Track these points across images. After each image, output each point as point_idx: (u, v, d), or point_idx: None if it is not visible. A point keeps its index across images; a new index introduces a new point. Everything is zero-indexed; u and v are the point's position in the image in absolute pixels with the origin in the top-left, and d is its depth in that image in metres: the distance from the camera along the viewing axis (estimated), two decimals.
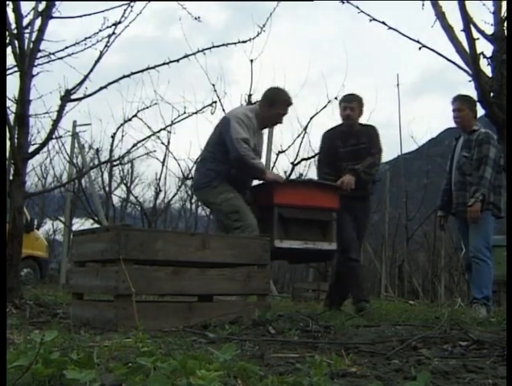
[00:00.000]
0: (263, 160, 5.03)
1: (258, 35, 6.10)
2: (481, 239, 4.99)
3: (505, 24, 2.29)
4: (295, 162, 9.26)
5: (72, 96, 4.61)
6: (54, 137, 5.10)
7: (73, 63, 4.86)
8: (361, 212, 5.18)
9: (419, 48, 2.59)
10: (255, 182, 5.00)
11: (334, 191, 4.79)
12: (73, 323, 2.30)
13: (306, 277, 17.40)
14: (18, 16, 4.33)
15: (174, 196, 14.32)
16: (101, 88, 4.77)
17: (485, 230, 5.02)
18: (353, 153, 5.17)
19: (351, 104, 5.17)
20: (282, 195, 4.44)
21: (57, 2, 4.56)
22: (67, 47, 4.80)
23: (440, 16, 2.42)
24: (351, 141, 5.19)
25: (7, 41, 4.29)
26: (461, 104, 5.12)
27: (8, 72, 4.50)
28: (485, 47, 2.30)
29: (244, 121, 4.55)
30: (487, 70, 2.30)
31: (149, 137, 7.73)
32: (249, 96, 8.91)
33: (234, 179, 4.63)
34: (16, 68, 4.44)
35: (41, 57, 4.61)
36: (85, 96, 4.72)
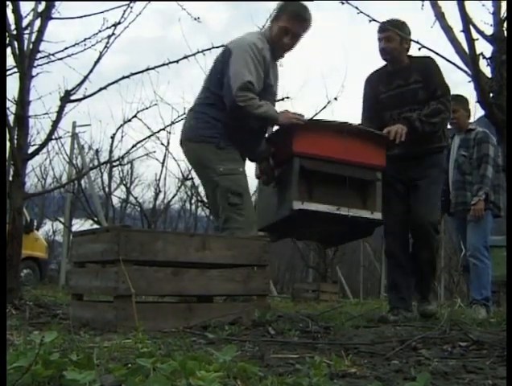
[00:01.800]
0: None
1: None
2: (480, 238, 5.00)
3: (505, 25, 2.29)
4: None
5: (72, 97, 4.61)
6: (53, 137, 5.10)
7: (73, 63, 4.86)
8: (420, 177, 3.97)
9: (419, 49, 2.59)
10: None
11: (379, 143, 3.67)
12: (73, 324, 2.30)
13: (306, 278, 17.43)
14: (18, 17, 4.33)
15: (173, 197, 14.35)
16: (101, 89, 4.76)
17: (483, 229, 5.03)
18: (400, 97, 4.00)
19: (386, 33, 3.90)
20: (304, 140, 3.44)
21: (57, 3, 4.56)
22: (66, 48, 4.80)
23: (440, 16, 2.42)
24: (396, 81, 4.03)
25: (7, 42, 4.29)
26: (455, 104, 5.12)
27: (8, 73, 4.49)
28: (484, 48, 2.30)
29: (251, 55, 3.53)
30: (486, 70, 2.31)
31: (148, 137, 7.72)
32: None
33: (242, 140, 3.64)
34: (16, 69, 4.44)
35: (41, 58, 4.60)
36: (85, 97, 4.71)
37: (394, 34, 3.85)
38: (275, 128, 3.74)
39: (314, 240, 5.02)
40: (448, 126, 5.27)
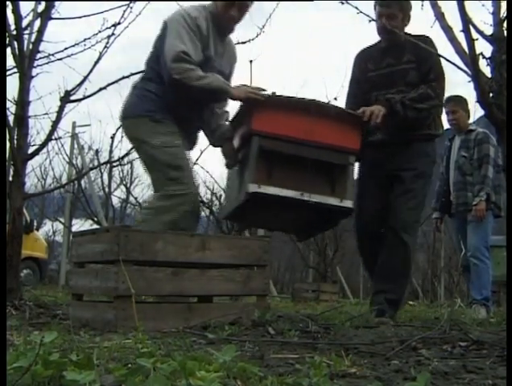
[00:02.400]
0: None
1: (257, 36, 6.09)
2: (481, 238, 5.01)
3: (505, 25, 2.29)
4: None
5: (72, 97, 4.61)
6: (53, 138, 5.11)
7: (73, 64, 4.86)
8: (405, 168, 3.55)
9: None
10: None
11: (353, 124, 3.29)
12: (73, 324, 2.30)
13: (305, 278, 17.44)
14: (18, 17, 4.33)
15: None
16: (101, 89, 4.76)
17: (484, 229, 5.04)
18: (389, 77, 3.61)
19: (389, 9, 3.51)
20: (264, 118, 3.11)
21: (56, 3, 4.56)
22: (66, 48, 4.80)
23: (440, 17, 2.42)
24: (387, 59, 3.66)
25: (7, 42, 4.29)
26: (454, 105, 5.13)
27: (8, 73, 4.49)
28: (484, 48, 2.30)
29: (183, 25, 3.29)
30: (486, 70, 2.31)
31: None
32: None
33: (186, 116, 3.46)
34: (15, 69, 4.44)
35: (40, 58, 4.60)
36: (85, 97, 4.71)
37: (397, 10, 3.52)
38: (238, 106, 3.37)
39: (286, 230, 4.42)
40: (446, 123, 5.29)
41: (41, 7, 4.53)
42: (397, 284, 3.56)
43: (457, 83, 3.27)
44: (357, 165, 3.62)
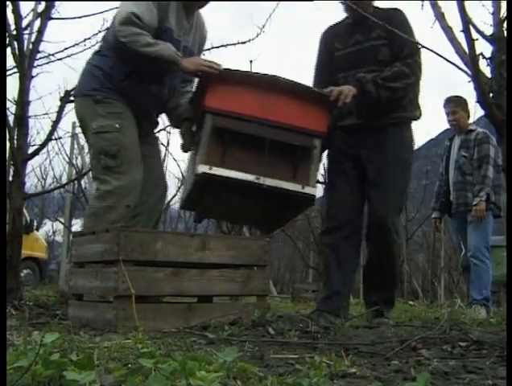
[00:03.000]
0: None
1: (257, 36, 6.09)
2: (481, 238, 5.01)
3: (505, 25, 2.30)
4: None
5: (72, 97, 4.61)
6: (53, 138, 5.11)
7: (73, 64, 4.87)
8: (379, 153, 3.28)
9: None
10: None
11: (320, 104, 3.03)
12: (73, 324, 2.30)
13: (306, 278, 17.42)
14: (18, 17, 4.33)
15: (173, 197, 14.35)
16: None
17: (484, 230, 5.04)
18: (358, 56, 3.33)
19: None
20: (219, 94, 2.87)
21: (56, 3, 4.57)
22: (66, 48, 4.81)
23: (440, 17, 2.42)
24: (355, 36, 3.36)
25: (7, 42, 4.29)
26: (454, 106, 5.13)
27: (8, 73, 4.50)
28: (484, 48, 2.30)
29: None
30: (486, 71, 2.31)
31: None
32: None
33: (138, 94, 3.17)
34: (15, 69, 4.45)
35: (40, 58, 4.62)
36: None
37: None
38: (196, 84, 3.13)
39: (247, 221, 4.11)
40: (446, 123, 5.29)
41: (41, 7, 4.53)
42: (388, 282, 3.39)
43: (457, 83, 3.26)
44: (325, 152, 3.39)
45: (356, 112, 3.27)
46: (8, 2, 4.24)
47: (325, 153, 3.42)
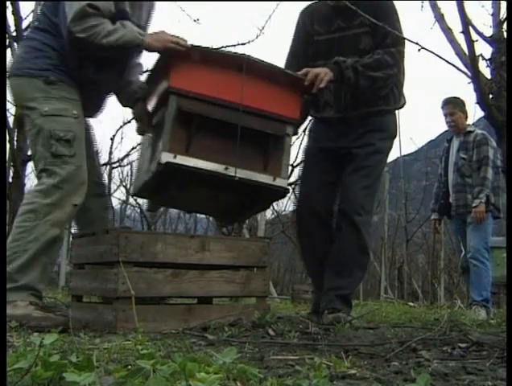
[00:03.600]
0: None
1: (257, 38, 6.11)
2: (481, 240, 5.01)
3: (505, 26, 2.30)
4: (295, 165, 9.26)
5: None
6: None
7: None
8: (357, 144, 3.18)
9: (419, 50, 2.59)
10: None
11: (292, 88, 2.86)
12: (73, 326, 2.29)
13: (305, 279, 17.41)
14: (18, 18, 4.33)
15: None
16: None
17: (484, 231, 5.04)
18: (338, 43, 3.15)
19: None
20: (185, 73, 2.63)
21: None
22: None
23: (439, 18, 2.43)
24: (337, 22, 3.17)
25: (7, 43, 4.29)
26: (452, 107, 5.13)
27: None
28: (484, 49, 2.30)
29: None
30: (486, 72, 2.31)
31: None
32: None
33: (92, 79, 2.88)
34: None
35: None
36: None
37: None
38: (155, 59, 2.81)
39: (206, 211, 3.70)
40: (445, 125, 5.29)
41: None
42: (351, 277, 3.18)
43: (457, 84, 3.26)
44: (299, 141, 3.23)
45: (334, 104, 3.12)
46: (8, 3, 4.25)
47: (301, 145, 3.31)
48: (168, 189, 2.84)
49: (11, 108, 4.44)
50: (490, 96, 2.26)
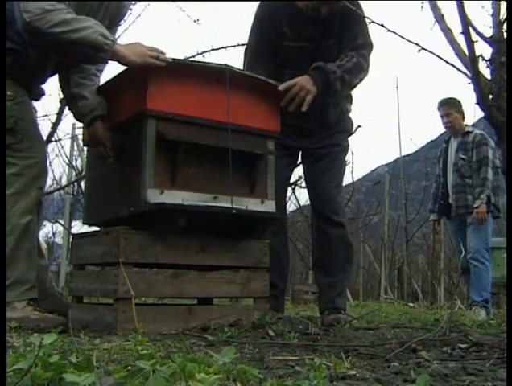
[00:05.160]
0: None
1: None
2: (481, 240, 5.02)
3: (505, 26, 2.30)
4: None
5: None
6: (53, 139, 5.11)
7: None
8: (324, 146, 3.13)
9: (418, 51, 2.59)
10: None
11: (272, 99, 2.68)
12: (73, 326, 2.29)
13: (305, 280, 17.41)
14: None
15: None
16: None
17: (484, 231, 5.05)
18: (311, 54, 2.95)
19: None
20: (163, 91, 2.35)
21: None
22: None
23: (439, 19, 2.43)
24: (309, 30, 2.95)
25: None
26: (448, 108, 5.13)
27: None
28: (484, 50, 2.31)
29: None
30: (486, 72, 2.31)
31: None
32: None
33: (33, 69, 2.63)
34: None
35: None
36: None
37: None
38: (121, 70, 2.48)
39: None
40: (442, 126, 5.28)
41: None
42: (345, 274, 3.22)
43: (457, 84, 3.26)
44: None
45: (300, 114, 2.85)
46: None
47: None
48: (154, 225, 2.57)
49: None
50: (490, 96, 2.26)
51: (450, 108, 5.10)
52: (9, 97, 2.56)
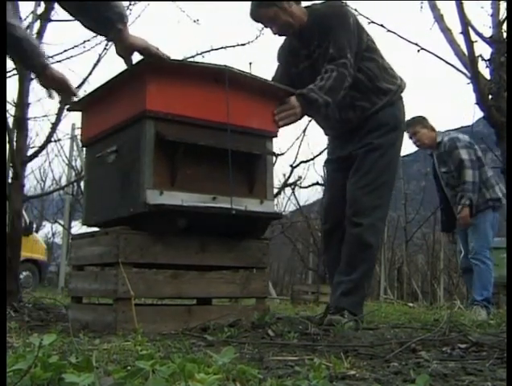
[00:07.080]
0: None
1: (256, 38, 6.10)
2: (481, 239, 5.00)
3: (504, 26, 2.30)
4: (294, 165, 9.27)
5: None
6: (53, 140, 5.11)
7: (72, 66, 4.87)
8: (358, 146, 3.16)
9: (418, 51, 2.60)
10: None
11: (269, 99, 2.70)
12: (72, 327, 2.29)
13: (305, 280, 17.42)
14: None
15: None
16: None
17: (484, 230, 5.03)
18: (311, 70, 3.05)
19: (265, 16, 2.98)
20: (161, 91, 2.35)
21: (56, 5, 4.56)
22: (65, 51, 4.81)
23: (439, 19, 2.43)
24: (302, 51, 3.12)
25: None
26: (413, 128, 5.11)
27: (7, 75, 4.50)
28: (483, 50, 2.31)
29: None
30: (485, 72, 2.31)
31: None
32: None
33: None
34: (15, 72, 4.45)
35: None
36: None
37: (272, 10, 2.93)
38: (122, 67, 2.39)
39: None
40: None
41: (40, 9, 4.54)
42: (356, 272, 3.09)
43: (457, 84, 3.26)
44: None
45: (325, 124, 3.19)
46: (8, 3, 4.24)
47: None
48: (153, 226, 2.57)
49: (11, 109, 4.44)
50: (490, 96, 2.26)
51: (414, 126, 5.08)
52: None
